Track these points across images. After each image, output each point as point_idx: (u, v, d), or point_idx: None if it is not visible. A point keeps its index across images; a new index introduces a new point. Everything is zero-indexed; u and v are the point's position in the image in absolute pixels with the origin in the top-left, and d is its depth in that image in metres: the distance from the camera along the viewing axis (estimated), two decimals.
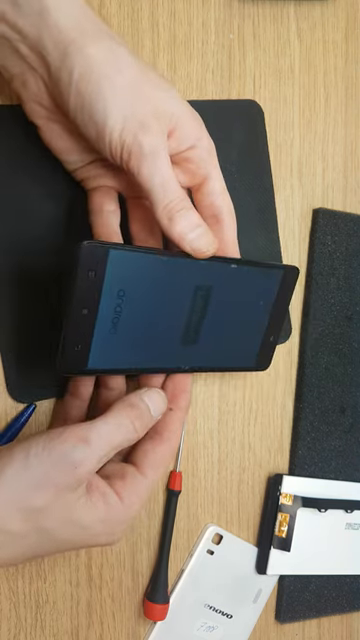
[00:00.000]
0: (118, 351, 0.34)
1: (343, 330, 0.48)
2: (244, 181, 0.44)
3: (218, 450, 0.46)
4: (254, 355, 0.40)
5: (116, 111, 0.30)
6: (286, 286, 0.39)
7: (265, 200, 0.45)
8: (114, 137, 0.31)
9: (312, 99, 0.47)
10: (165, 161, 0.31)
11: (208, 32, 0.44)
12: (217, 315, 0.37)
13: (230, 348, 0.39)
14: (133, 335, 0.34)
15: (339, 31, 0.48)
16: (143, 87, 0.31)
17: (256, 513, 0.48)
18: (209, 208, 0.36)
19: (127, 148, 0.31)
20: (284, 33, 0.46)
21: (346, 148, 0.49)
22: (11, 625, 0.41)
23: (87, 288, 0.32)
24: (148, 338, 0.35)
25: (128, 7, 0.41)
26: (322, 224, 0.47)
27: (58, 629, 0.42)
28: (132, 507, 0.33)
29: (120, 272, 0.32)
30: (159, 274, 0.34)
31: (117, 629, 0.44)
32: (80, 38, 0.30)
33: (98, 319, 0.33)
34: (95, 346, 0.33)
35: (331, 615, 0.51)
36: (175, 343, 0.36)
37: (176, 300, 0.35)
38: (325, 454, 0.49)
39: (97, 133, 0.31)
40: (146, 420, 0.34)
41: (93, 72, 0.30)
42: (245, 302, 0.38)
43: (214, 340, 0.38)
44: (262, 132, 0.45)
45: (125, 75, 0.30)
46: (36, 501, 0.30)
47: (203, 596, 0.46)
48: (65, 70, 0.30)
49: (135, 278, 0.33)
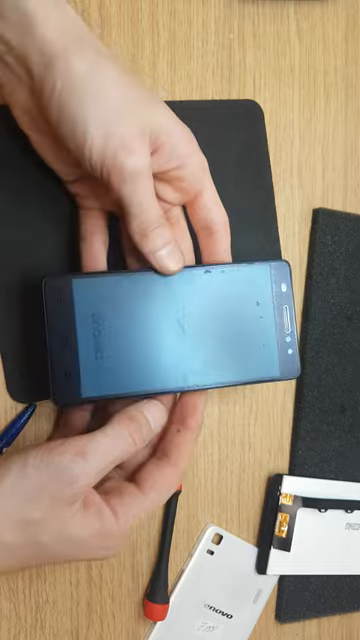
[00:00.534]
0: (111, 376, 0.35)
1: (343, 330, 0.48)
2: (244, 181, 0.44)
3: (218, 450, 0.46)
4: (274, 363, 0.37)
5: (96, 127, 0.30)
6: (280, 282, 0.37)
7: (265, 200, 0.45)
8: (94, 153, 0.30)
9: (312, 99, 0.47)
10: (146, 182, 0.31)
11: (208, 32, 0.44)
12: (210, 327, 0.36)
13: (241, 359, 0.37)
14: (121, 357, 0.35)
15: (339, 31, 0.48)
16: (128, 103, 0.31)
17: (256, 513, 0.48)
18: (202, 221, 0.36)
19: (107, 167, 0.30)
20: (284, 33, 0.46)
21: (346, 148, 0.49)
22: (11, 625, 0.41)
23: (59, 318, 0.34)
24: (139, 359, 0.35)
25: (128, 7, 0.41)
26: (322, 224, 0.47)
27: (58, 629, 0.42)
28: (126, 525, 0.33)
29: (89, 298, 0.34)
30: (131, 293, 0.34)
31: (117, 629, 0.44)
32: (65, 50, 0.29)
33: (79, 346, 0.34)
34: (85, 373, 0.34)
35: (331, 615, 0.51)
36: (172, 361, 0.35)
37: (158, 317, 0.35)
38: (325, 454, 0.49)
39: (76, 147, 0.31)
40: (145, 433, 0.34)
41: (75, 85, 0.29)
42: (238, 307, 0.36)
43: (218, 353, 0.36)
44: (262, 132, 0.45)
45: (108, 90, 0.30)
46: (33, 513, 0.30)
47: (203, 596, 0.46)
48: (48, 82, 0.30)
49: (106, 301, 0.34)
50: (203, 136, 0.42)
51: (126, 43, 0.41)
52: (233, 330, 0.36)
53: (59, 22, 0.30)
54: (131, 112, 0.30)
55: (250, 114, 0.45)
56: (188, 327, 0.36)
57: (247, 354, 0.37)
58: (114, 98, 0.30)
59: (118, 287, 0.34)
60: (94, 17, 0.40)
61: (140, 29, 0.42)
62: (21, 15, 0.29)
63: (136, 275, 0.35)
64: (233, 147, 0.44)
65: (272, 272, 0.37)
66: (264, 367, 0.37)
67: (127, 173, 0.30)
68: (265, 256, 0.46)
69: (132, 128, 0.30)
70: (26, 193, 0.39)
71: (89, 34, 0.31)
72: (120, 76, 0.31)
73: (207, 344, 0.36)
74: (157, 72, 0.42)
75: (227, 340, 0.36)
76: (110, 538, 0.32)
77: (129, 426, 0.33)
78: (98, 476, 0.31)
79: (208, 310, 0.36)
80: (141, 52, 0.42)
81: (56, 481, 0.30)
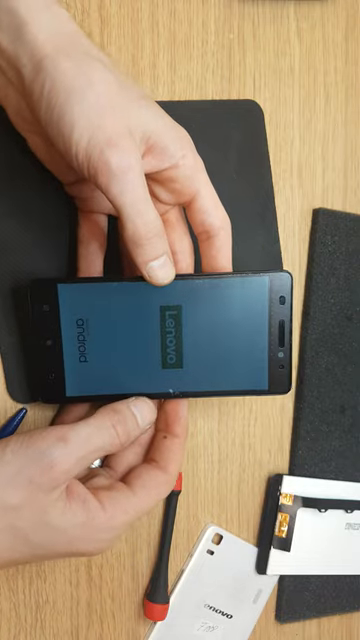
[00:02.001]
0: (95, 378, 0.36)
1: (343, 330, 0.48)
2: (244, 182, 0.44)
3: (218, 450, 0.46)
4: (264, 376, 0.37)
5: (82, 125, 0.29)
6: (279, 294, 0.36)
7: (265, 200, 0.45)
8: (79, 152, 0.30)
9: (312, 99, 0.47)
10: (136, 180, 0.30)
11: (208, 32, 0.44)
12: (198, 335, 0.36)
13: (229, 370, 0.36)
14: (106, 361, 0.35)
15: (339, 31, 0.48)
16: (118, 103, 0.30)
17: (256, 513, 0.48)
18: (201, 225, 0.35)
19: (93, 164, 0.30)
20: (284, 33, 0.46)
21: (346, 148, 0.49)
22: (11, 625, 0.41)
23: (44, 321, 0.35)
24: (124, 363, 0.35)
25: (128, 7, 0.41)
26: (322, 224, 0.47)
27: (58, 629, 0.42)
28: (115, 518, 0.32)
29: (74, 303, 0.34)
30: (117, 300, 0.35)
31: (117, 629, 0.44)
32: (54, 52, 0.29)
33: (64, 349, 0.35)
34: (69, 374, 0.35)
35: (331, 615, 0.51)
36: (155, 367, 0.36)
37: (143, 324, 0.35)
38: (325, 454, 0.49)
39: (64, 147, 0.30)
40: (130, 426, 0.34)
41: (63, 86, 0.29)
42: (228, 318, 0.36)
43: (204, 362, 0.36)
44: (262, 132, 0.45)
45: (97, 90, 0.30)
46: (10, 498, 0.30)
47: (203, 596, 0.46)
48: (37, 83, 0.30)
49: (92, 307, 0.35)
50: (203, 136, 0.42)
51: (126, 43, 0.41)
52: (223, 341, 0.36)
53: (50, 24, 0.29)
54: (119, 111, 0.30)
55: (250, 114, 0.45)
56: (176, 336, 0.36)
57: (236, 365, 0.36)
58: (102, 97, 0.30)
59: (105, 293, 0.35)
60: (94, 17, 0.40)
61: (140, 29, 0.42)
62: (12, 18, 0.29)
63: (125, 283, 0.35)
64: (233, 147, 0.44)
65: (271, 284, 0.36)
66: (252, 379, 0.37)
67: (114, 171, 0.29)
68: (265, 257, 0.46)
69: (119, 126, 0.30)
70: (26, 195, 0.39)
71: (80, 35, 0.31)
72: (111, 76, 0.30)
73: (194, 353, 0.36)
74: (157, 72, 0.42)
75: (216, 350, 0.36)
76: (97, 530, 0.32)
77: (112, 418, 0.33)
78: (78, 464, 0.31)
79: (198, 320, 0.35)
80: (141, 52, 0.42)
81: (35, 465, 0.30)
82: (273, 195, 0.46)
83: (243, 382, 0.37)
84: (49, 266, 0.39)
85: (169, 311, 0.35)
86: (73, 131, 0.29)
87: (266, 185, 0.45)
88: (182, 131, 0.33)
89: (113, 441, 0.33)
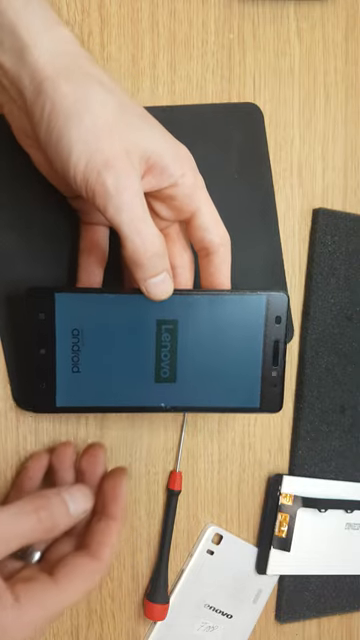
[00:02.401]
0: (86, 389, 0.35)
1: (343, 330, 0.48)
2: (244, 185, 0.44)
3: (218, 450, 0.46)
4: (256, 394, 0.37)
5: (80, 148, 0.30)
6: (275, 314, 0.36)
7: (265, 204, 0.45)
8: (77, 175, 0.30)
9: (312, 99, 0.47)
10: (133, 199, 0.30)
11: (208, 32, 0.44)
12: (192, 351, 0.36)
13: (221, 386, 0.37)
14: (99, 373, 0.35)
15: (339, 31, 0.48)
16: (116, 124, 0.30)
17: (256, 513, 0.48)
18: (200, 242, 0.35)
19: (91, 187, 0.30)
20: (284, 33, 0.46)
21: (346, 148, 0.49)
22: None
23: (40, 329, 0.35)
24: (117, 376, 0.35)
25: (128, 7, 0.41)
26: (322, 224, 0.47)
27: (58, 629, 0.42)
28: (28, 614, 0.29)
29: (70, 312, 0.34)
30: (114, 312, 0.35)
31: (117, 629, 0.44)
32: (55, 75, 0.30)
33: (57, 358, 0.35)
34: (60, 384, 0.35)
35: (331, 615, 0.51)
36: (148, 380, 0.36)
37: (139, 336, 0.35)
38: (325, 454, 0.49)
39: (63, 170, 0.31)
40: (56, 513, 0.32)
41: (62, 109, 0.29)
42: (223, 335, 0.36)
43: (197, 378, 0.36)
44: (262, 135, 0.45)
45: (95, 113, 0.30)
46: None
47: (203, 596, 0.46)
48: (38, 105, 0.30)
49: (88, 317, 0.35)
50: (204, 139, 0.43)
51: (126, 43, 0.41)
52: (217, 357, 0.36)
53: (51, 46, 0.30)
54: (117, 133, 0.30)
55: (250, 117, 0.45)
56: (171, 351, 0.36)
57: (229, 382, 0.37)
58: (99, 120, 0.30)
59: (102, 305, 0.35)
60: (94, 17, 0.40)
61: (140, 29, 0.42)
62: (14, 39, 0.29)
63: (122, 295, 0.35)
64: (233, 151, 0.44)
65: (268, 304, 0.36)
66: (245, 397, 0.37)
67: (110, 192, 0.30)
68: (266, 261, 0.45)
69: (116, 148, 0.30)
70: (28, 206, 0.39)
71: (81, 56, 0.31)
72: (108, 98, 0.31)
73: (188, 368, 0.36)
74: (157, 72, 0.42)
75: (210, 366, 0.36)
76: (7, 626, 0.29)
77: (36, 502, 0.31)
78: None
79: (194, 335, 0.36)
80: (141, 52, 0.42)
81: None
82: (274, 199, 0.46)
83: (235, 399, 0.37)
84: (49, 276, 0.39)
85: (165, 325, 0.35)
86: (71, 155, 0.30)
87: (266, 188, 0.45)
88: (182, 149, 0.34)
89: (36, 526, 0.31)
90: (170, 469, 0.44)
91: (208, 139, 0.43)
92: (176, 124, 0.34)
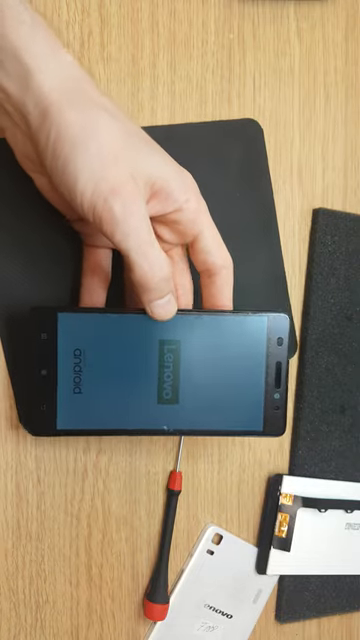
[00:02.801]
0: (88, 411, 0.35)
1: (343, 330, 0.48)
2: (245, 202, 0.44)
3: (218, 450, 0.46)
4: (259, 418, 0.37)
5: (86, 176, 0.30)
6: (277, 335, 0.36)
7: (266, 220, 0.45)
8: (84, 202, 0.30)
9: (312, 99, 0.47)
10: (140, 224, 0.31)
11: (208, 32, 0.44)
12: (195, 372, 0.36)
13: (224, 409, 0.36)
14: (101, 394, 0.35)
15: (339, 31, 0.48)
16: (121, 151, 0.31)
17: (256, 513, 0.48)
18: (203, 263, 0.36)
19: (98, 213, 0.30)
20: (284, 33, 0.46)
21: (346, 148, 0.49)
22: (11, 625, 0.41)
23: (42, 349, 0.34)
24: (119, 397, 0.35)
25: (128, 7, 0.41)
26: (322, 224, 0.47)
27: (58, 629, 0.42)
28: None
29: (73, 332, 0.34)
30: (116, 332, 0.34)
31: (117, 629, 0.44)
32: (60, 101, 0.30)
33: (59, 379, 0.34)
34: (61, 406, 0.35)
35: (331, 615, 0.51)
36: (151, 402, 0.35)
37: (141, 357, 0.35)
38: (325, 454, 0.49)
39: (69, 196, 0.31)
40: None
41: (68, 136, 0.30)
42: (226, 356, 0.36)
43: (199, 399, 0.36)
44: (262, 150, 0.45)
45: (101, 140, 0.30)
46: None
47: (203, 596, 0.46)
48: (43, 132, 0.30)
49: (90, 337, 0.34)
50: (204, 159, 0.43)
51: (126, 43, 0.41)
52: (220, 379, 0.36)
53: (55, 72, 0.30)
54: (122, 159, 0.31)
55: (249, 133, 0.44)
56: (174, 372, 0.35)
57: (232, 405, 0.36)
58: (105, 147, 0.30)
59: (105, 325, 0.34)
60: (94, 17, 0.40)
61: (140, 29, 0.42)
62: (19, 66, 0.29)
63: (125, 315, 0.35)
64: (233, 167, 0.44)
65: (269, 325, 0.36)
66: (247, 420, 0.36)
67: (117, 217, 0.30)
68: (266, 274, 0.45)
69: (122, 175, 0.30)
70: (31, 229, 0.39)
71: (85, 81, 0.31)
72: (113, 124, 0.31)
73: (190, 390, 0.36)
74: (157, 72, 0.42)
75: (212, 388, 0.36)
76: None
77: None
78: None
79: (196, 356, 0.36)
80: (141, 52, 0.42)
81: None
82: (275, 212, 0.46)
83: (238, 422, 0.37)
84: (52, 297, 0.40)
85: (168, 345, 0.35)
86: (77, 182, 0.30)
87: (267, 202, 0.45)
88: (186, 175, 0.34)
89: None
90: (170, 469, 0.44)
91: (208, 158, 0.43)
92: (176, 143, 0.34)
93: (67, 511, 0.41)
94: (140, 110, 0.42)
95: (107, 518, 0.43)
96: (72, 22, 0.40)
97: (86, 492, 0.42)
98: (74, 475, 0.42)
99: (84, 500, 0.42)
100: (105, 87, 0.41)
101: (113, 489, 0.43)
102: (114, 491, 0.43)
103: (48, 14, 0.39)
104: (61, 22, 0.40)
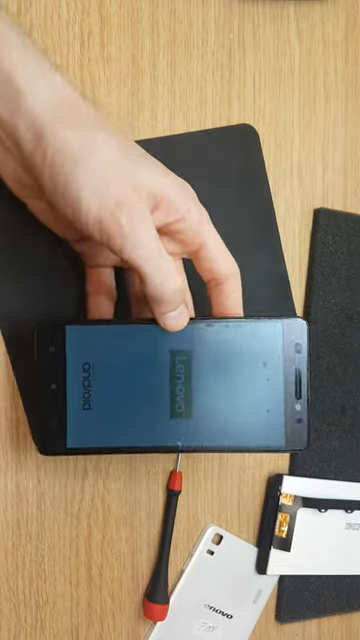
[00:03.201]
0: (99, 428, 0.33)
1: (344, 330, 0.48)
2: (244, 205, 0.44)
3: None
4: (280, 432, 0.34)
5: (90, 192, 0.29)
6: (295, 342, 0.34)
7: (266, 224, 0.45)
8: (89, 219, 0.30)
9: (312, 99, 0.47)
10: (150, 236, 0.31)
11: (208, 32, 0.44)
12: (208, 383, 0.34)
13: (241, 423, 0.34)
14: (111, 409, 0.33)
15: (339, 31, 0.48)
16: (122, 166, 0.30)
17: (256, 513, 0.48)
18: (209, 272, 0.35)
19: (105, 228, 0.30)
20: (284, 33, 0.46)
21: (346, 148, 0.49)
22: (11, 625, 0.41)
23: (50, 364, 0.33)
24: (130, 412, 0.34)
25: (128, 7, 0.41)
26: (323, 224, 0.47)
27: (58, 629, 0.42)
28: None
29: (82, 345, 0.33)
30: (126, 343, 0.33)
31: (117, 629, 0.44)
32: (54, 121, 0.29)
33: (68, 394, 0.33)
34: (71, 423, 0.33)
35: (331, 615, 0.51)
36: (163, 417, 0.34)
37: (152, 369, 0.34)
38: (325, 454, 0.49)
39: (73, 215, 0.30)
40: None
41: (67, 155, 0.29)
42: (242, 366, 0.34)
43: (214, 413, 0.34)
44: (258, 155, 0.45)
45: (101, 156, 0.30)
46: None
47: (203, 596, 0.46)
48: (39, 153, 0.30)
49: (99, 350, 0.33)
50: (202, 169, 0.43)
51: (126, 43, 0.41)
52: (235, 391, 0.34)
53: (47, 94, 0.29)
54: (123, 173, 0.30)
55: (245, 138, 0.44)
56: (186, 383, 0.34)
57: (249, 418, 0.34)
58: (105, 162, 0.30)
59: (114, 337, 0.33)
60: (94, 16, 0.40)
61: (140, 29, 0.42)
62: (8, 87, 0.29)
63: (134, 326, 0.34)
64: (231, 174, 0.44)
65: (285, 330, 0.34)
66: (267, 435, 0.34)
67: (125, 230, 0.30)
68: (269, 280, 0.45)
69: (125, 188, 0.30)
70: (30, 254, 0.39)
71: (77, 99, 0.31)
72: (113, 141, 0.31)
73: (205, 404, 0.34)
74: (157, 72, 0.42)
75: (228, 401, 0.34)
76: None
77: None
78: None
79: (209, 367, 0.34)
80: (141, 52, 0.42)
81: None
82: (275, 218, 0.46)
83: (257, 437, 0.34)
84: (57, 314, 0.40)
85: (179, 356, 0.34)
86: (81, 199, 0.30)
87: (266, 207, 0.45)
88: (186, 186, 0.34)
89: None
90: (170, 469, 0.44)
91: (205, 167, 0.43)
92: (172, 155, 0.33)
93: (67, 511, 0.42)
94: (140, 110, 0.42)
95: (107, 518, 0.43)
96: (72, 22, 0.40)
97: (86, 492, 0.42)
98: (74, 475, 0.42)
99: (84, 500, 0.42)
100: (105, 87, 0.41)
101: (113, 489, 0.43)
102: (114, 491, 0.43)
103: (48, 14, 0.39)
104: (61, 22, 0.40)
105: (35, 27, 0.39)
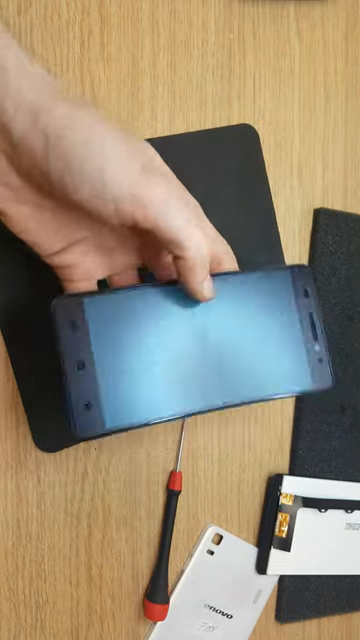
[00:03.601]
0: (135, 401, 0.32)
1: (344, 330, 0.48)
2: (244, 206, 0.44)
3: (218, 450, 0.46)
4: (305, 374, 0.35)
5: (114, 164, 0.28)
6: (303, 288, 0.35)
7: (266, 224, 0.45)
8: (120, 190, 0.28)
9: (312, 99, 0.47)
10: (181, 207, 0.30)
11: (208, 32, 0.44)
12: (233, 340, 0.34)
13: (270, 373, 0.34)
14: (144, 380, 0.32)
15: (339, 31, 0.48)
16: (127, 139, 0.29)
17: (256, 513, 0.48)
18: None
19: (139, 197, 0.28)
20: (284, 33, 0.46)
21: (346, 148, 0.49)
22: (11, 625, 0.41)
23: (73, 343, 0.31)
24: (162, 380, 0.32)
25: (128, 7, 0.41)
26: (323, 224, 0.47)
27: (58, 629, 0.42)
28: None
29: (103, 318, 0.32)
30: (147, 309, 0.32)
31: (117, 629, 0.44)
32: (48, 101, 0.28)
33: (97, 371, 0.31)
34: (106, 401, 0.31)
35: (331, 615, 0.51)
36: (199, 379, 0.33)
37: (178, 331, 0.33)
38: (325, 454, 0.49)
39: (95, 193, 0.29)
40: None
41: (75, 131, 0.28)
42: (260, 318, 0.34)
43: (244, 367, 0.34)
44: (258, 155, 0.45)
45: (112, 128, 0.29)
46: None
47: (203, 596, 0.46)
48: (37, 135, 0.28)
49: (122, 320, 0.32)
50: (202, 168, 0.43)
51: (126, 43, 0.41)
52: (258, 342, 0.34)
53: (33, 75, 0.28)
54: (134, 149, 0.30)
55: (245, 138, 0.44)
56: (209, 342, 0.33)
57: (275, 367, 0.34)
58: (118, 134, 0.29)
59: (134, 304, 0.32)
60: (94, 16, 0.40)
61: (140, 29, 0.42)
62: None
63: (151, 289, 0.33)
64: (231, 174, 0.44)
65: (294, 278, 0.35)
66: (294, 379, 0.35)
67: (163, 198, 0.29)
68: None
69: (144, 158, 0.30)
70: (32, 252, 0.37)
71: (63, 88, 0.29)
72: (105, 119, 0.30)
73: (231, 358, 0.34)
74: (157, 72, 0.42)
75: (252, 353, 0.34)
76: None
77: None
78: None
79: (229, 322, 0.34)
80: (141, 52, 0.42)
81: None
82: (274, 217, 0.46)
83: (285, 383, 0.35)
84: None
85: (202, 314, 0.33)
86: (104, 173, 0.28)
87: (266, 207, 0.45)
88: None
89: None
90: (170, 469, 0.44)
91: (206, 167, 0.43)
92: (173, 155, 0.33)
93: (67, 511, 0.42)
94: (140, 110, 0.42)
95: (107, 518, 0.43)
96: (72, 22, 0.40)
97: (86, 492, 0.42)
98: (74, 475, 0.42)
99: (84, 500, 0.42)
100: (105, 87, 0.41)
101: (113, 489, 0.43)
102: (114, 491, 0.43)
103: (48, 14, 0.39)
104: (61, 22, 0.40)
105: (35, 27, 0.39)
